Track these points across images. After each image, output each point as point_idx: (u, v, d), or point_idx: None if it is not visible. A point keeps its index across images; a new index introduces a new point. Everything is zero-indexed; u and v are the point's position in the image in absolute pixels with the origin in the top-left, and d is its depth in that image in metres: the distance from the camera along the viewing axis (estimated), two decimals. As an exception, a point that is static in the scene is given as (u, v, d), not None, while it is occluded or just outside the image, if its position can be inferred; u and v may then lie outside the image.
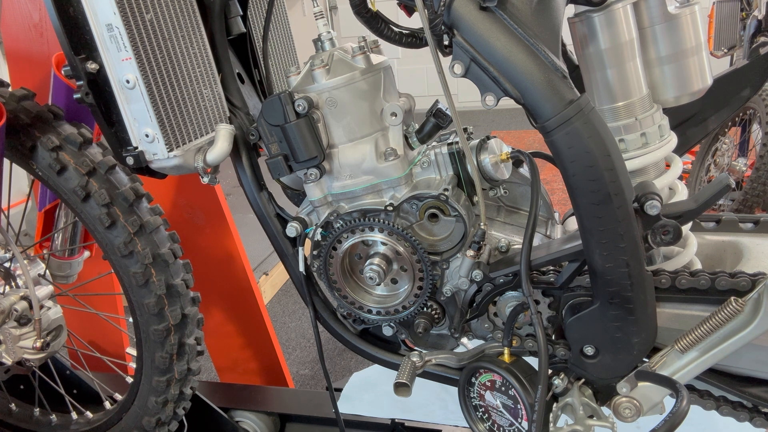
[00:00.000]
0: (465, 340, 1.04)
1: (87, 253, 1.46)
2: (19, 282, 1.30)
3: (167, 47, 0.92)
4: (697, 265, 0.97)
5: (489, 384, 0.96)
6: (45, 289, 1.30)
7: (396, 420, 1.56)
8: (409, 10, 0.97)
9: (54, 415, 1.46)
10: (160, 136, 0.91)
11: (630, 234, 0.79)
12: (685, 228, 0.95)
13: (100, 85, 0.91)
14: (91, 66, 0.89)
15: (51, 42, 1.49)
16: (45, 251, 1.39)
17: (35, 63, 1.51)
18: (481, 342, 1.01)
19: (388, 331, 1.06)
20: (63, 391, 1.44)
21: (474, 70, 0.80)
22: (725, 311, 0.80)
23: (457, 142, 0.95)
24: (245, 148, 1.02)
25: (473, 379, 0.98)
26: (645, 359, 0.89)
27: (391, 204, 0.94)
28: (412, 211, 0.96)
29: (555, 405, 0.94)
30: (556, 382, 0.92)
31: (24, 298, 1.25)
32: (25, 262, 1.27)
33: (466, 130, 0.96)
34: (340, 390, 1.83)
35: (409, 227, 0.96)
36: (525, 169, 1.01)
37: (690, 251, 0.95)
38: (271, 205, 1.05)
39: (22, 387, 1.54)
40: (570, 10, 0.91)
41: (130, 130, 0.93)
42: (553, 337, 0.95)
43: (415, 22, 0.92)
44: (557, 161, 0.79)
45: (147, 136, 0.91)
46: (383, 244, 0.96)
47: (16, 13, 1.51)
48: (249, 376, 2.03)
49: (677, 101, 0.97)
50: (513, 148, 0.96)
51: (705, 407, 0.93)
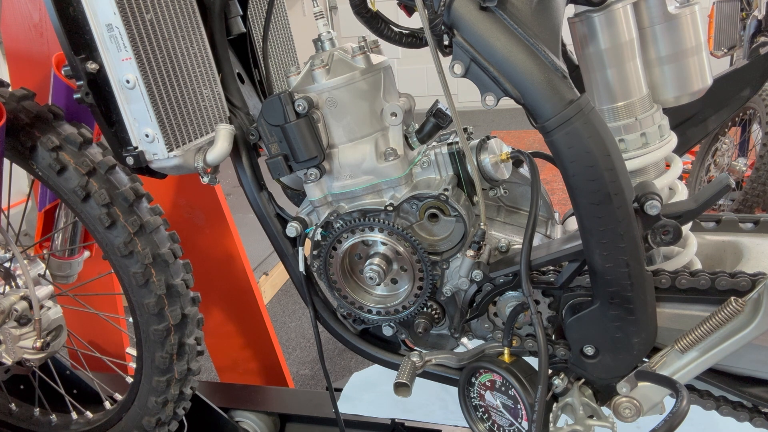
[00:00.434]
0: (465, 340, 1.04)
1: (87, 253, 1.46)
2: (19, 282, 1.30)
3: (167, 47, 0.92)
4: (697, 265, 0.97)
5: (489, 384, 0.96)
6: (45, 289, 1.30)
7: (396, 420, 1.56)
8: (409, 10, 0.97)
9: (54, 415, 1.46)
10: (160, 136, 0.91)
11: (630, 234, 0.79)
12: (685, 228, 0.95)
13: (100, 85, 0.91)
14: (91, 66, 0.89)
15: (51, 42, 1.49)
16: (45, 251, 1.39)
17: (35, 63, 1.51)
18: (481, 342, 1.01)
19: (388, 331, 1.06)
20: (63, 391, 1.44)
21: (474, 70, 0.80)
22: (725, 311, 0.80)
23: (457, 142, 0.95)
24: (245, 148, 1.02)
25: (473, 379, 0.98)
26: (645, 359, 0.89)
27: (391, 204, 0.94)
28: (412, 211, 0.96)
29: (555, 405, 0.94)
30: (556, 382, 0.92)
31: (24, 298, 1.25)
32: (25, 262, 1.27)
33: (466, 130, 0.96)
34: (340, 390, 1.83)
35: (409, 227, 0.96)
36: (525, 169, 1.01)
37: (690, 251, 0.95)
38: (271, 205, 1.05)
39: (22, 387, 1.54)
40: (570, 10, 0.91)
41: (130, 130, 0.93)
42: (553, 337, 0.95)
43: (415, 22, 0.92)
44: (557, 161, 0.79)
45: (147, 136, 0.91)
46: (383, 244, 0.96)
47: (16, 13, 1.51)
48: (249, 376, 2.03)
49: (677, 101, 0.97)
50: (513, 148, 0.96)
51: (705, 407, 0.93)
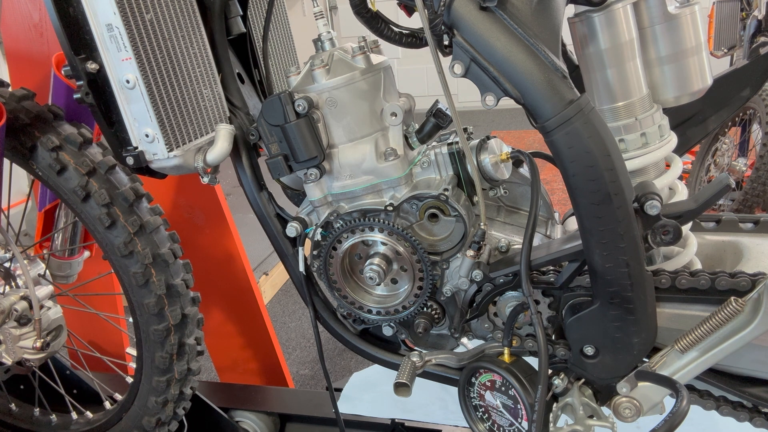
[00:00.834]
0: (465, 340, 1.04)
1: (87, 253, 1.46)
2: (19, 282, 1.30)
3: (167, 47, 0.92)
4: (697, 265, 0.97)
5: (489, 384, 0.96)
6: (45, 289, 1.30)
7: (396, 420, 1.56)
8: (409, 10, 0.97)
9: (54, 415, 1.46)
10: (160, 136, 0.91)
11: (630, 234, 0.79)
12: (685, 228, 0.95)
13: (100, 85, 0.91)
14: (91, 66, 0.89)
15: (51, 42, 1.49)
16: (45, 251, 1.39)
17: (35, 63, 1.51)
18: (481, 342, 1.01)
19: (388, 331, 1.06)
20: (63, 391, 1.44)
21: (474, 70, 0.80)
22: (725, 311, 0.80)
23: (457, 142, 0.95)
24: (245, 148, 1.02)
25: (473, 379, 0.98)
26: (645, 359, 0.89)
27: (391, 204, 0.94)
28: (412, 211, 0.96)
29: (555, 405, 0.94)
30: (556, 382, 0.92)
31: (24, 298, 1.25)
32: (25, 262, 1.27)
33: (466, 130, 0.96)
34: (340, 390, 1.83)
35: (409, 227, 0.96)
36: (525, 169, 1.01)
37: (690, 251, 0.95)
38: (271, 205, 1.05)
39: (22, 387, 1.54)
40: (570, 10, 0.91)
41: (130, 130, 0.93)
42: (553, 337, 0.95)
43: (415, 22, 0.92)
44: (557, 161, 0.79)
45: (147, 136, 0.91)
46: (383, 244, 0.96)
47: (16, 13, 1.51)
48: (249, 376, 2.03)
49: (677, 101, 0.97)
50: (513, 148, 0.96)
51: (705, 407, 0.93)
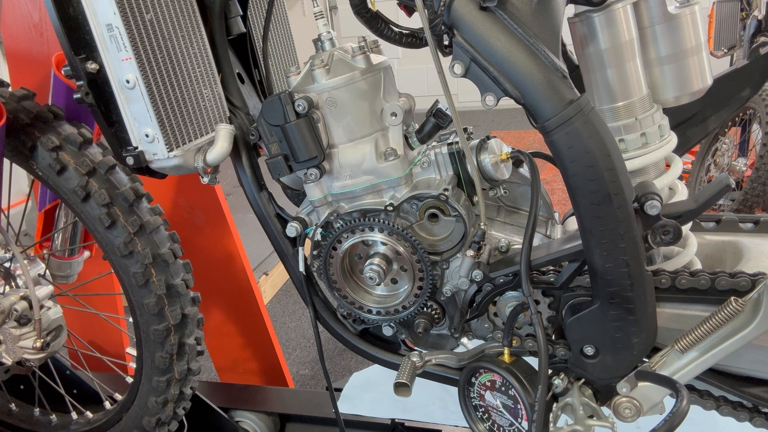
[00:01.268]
0: (465, 340, 1.04)
1: (87, 253, 1.46)
2: (19, 282, 1.30)
3: (167, 47, 0.92)
4: (697, 265, 0.97)
5: (489, 384, 0.96)
6: (45, 289, 1.30)
7: (396, 420, 1.56)
8: (409, 10, 0.97)
9: (54, 415, 1.46)
10: (160, 136, 0.91)
11: (630, 234, 0.79)
12: (685, 228, 0.95)
13: (100, 85, 0.91)
14: (91, 66, 0.89)
15: (51, 42, 1.49)
16: (45, 251, 1.39)
17: (35, 63, 1.51)
18: (481, 342, 1.01)
19: (388, 331, 1.06)
20: (63, 391, 1.44)
21: (474, 70, 0.80)
22: (725, 311, 0.80)
23: (457, 142, 0.95)
24: (245, 148, 1.02)
25: (473, 379, 0.98)
26: (645, 359, 0.89)
27: (391, 204, 0.94)
28: (412, 211, 0.96)
29: (555, 405, 0.94)
30: (556, 382, 0.92)
31: (24, 298, 1.25)
32: (25, 262, 1.27)
33: (466, 130, 0.96)
34: (340, 390, 1.83)
35: (409, 227, 0.96)
36: (525, 169, 1.01)
37: (690, 251, 0.95)
38: (271, 205, 1.05)
39: (22, 387, 1.54)
40: (570, 10, 0.91)
41: (130, 130, 0.93)
42: (553, 337, 0.95)
43: (415, 22, 0.92)
44: (557, 161, 0.79)
45: (147, 136, 0.91)
46: (383, 244, 0.96)
47: (16, 13, 1.51)
48: (249, 376, 2.03)
49: (677, 101, 0.97)
50: (513, 148, 0.96)
51: (705, 407, 0.93)
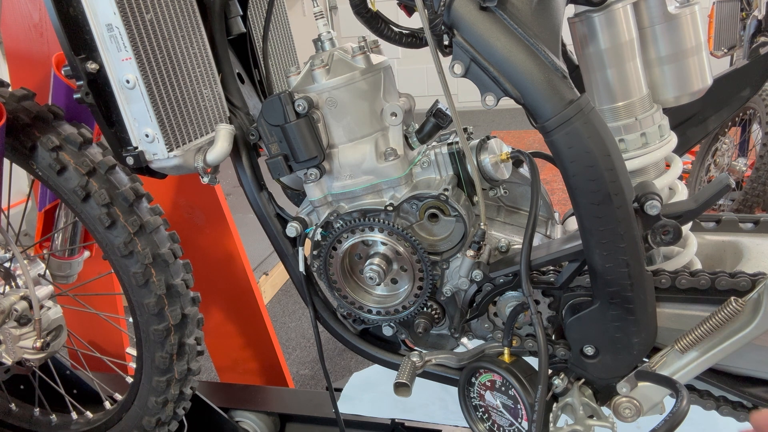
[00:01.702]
0: (465, 340, 1.04)
1: (87, 253, 1.46)
2: (19, 282, 1.30)
3: (167, 47, 0.92)
4: (697, 265, 0.97)
5: (489, 384, 0.96)
6: (45, 289, 1.30)
7: (396, 420, 1.56)
8: (409, 10, 0.97)
9: (54, 415, 1.46)
10: (160, 136, 0.91)
11: (630, 234, 0.79)
12: (685, 228, 0.95)
13: (100, 85, 0.91)
14: (91, 66, 0.89)
15: (51, 42, 1.49)
16: (45, 251, 1.39)
17: (35, 63, 1.51)
18: (481, 342, 1.01)
19: (388, 331, 1.06)
20: (63, 391, 1.44)
21: (474, 70, 0.80)
22: (725, 311, 0.80)
23: (457, 142, 0.95)
24: (245, 148, 1.02)
25: (473, 379, 0.98)
26: (645, 359, 0.89)
27: (391, 204, 0.94)
28: (412, 211, 0.96)
29: (555, 405, 0.94)
30: (556, 382, 0.92)
31: (24, 298, 1.25)
32: (25, 262, 1.27)
33: (466, 130, 0.96)
34: (340, 390, 1.83)
35: (409, 227, 0.96)
36: (525, 169, 1.01)
37: (690, 251, 0.95)
38: (271, 205, 1.05)
39: (22, 387, 1.54)
40: (570, 10, 0.91)
41: (130, 130, 0.93)
42: (553, 337, 0.95)
43: (415, 22, 0.92)
44: (557, 161, 0.79)
45: (147, 136, 0.91)
46: (383, 244, 0.96)
47: (16, 13, 1.51)
48: (249, 376, 2.03)
49: (677, 101, 0.97)
50: (513, 148, 0.96)
51: (705, 407, 0.93)
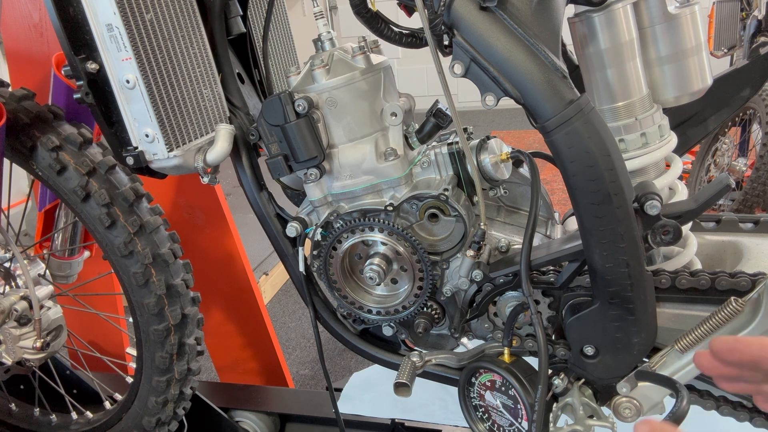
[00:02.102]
0: (465, 340, 1.04)
1: (87, 253, 1.46)
2: (19, 282, 1.30)
3: (167, 47, 0.92)
4: (697, 265, 0.97)
5: (489, 384, 0.96)
6: (45, 289, 1.30)
7: (396, 420, 1.56)
8: (409, 10, 0.97)
9: (54, 415, 1.46)
10: (160, 136, 0.91)
11: (630, 234, 0.79)
12: (685, 228, 0.95)
13: (100, 85, 0.91)
14: (91, 66, 0.89)
15: (51, 42, 1.49)
16: (45, 251, 1.39)
17: (35, 63, 1.51)
18: (481, 342, 1.01)
19: (388, 331, 1.06)
20: (63, 391, 1.44)
21: (474, 70, 0.80)
22: (725, 311, 0.79)
23: (457, 142, 0.95)
24: (245, 148, 1.02)
25: (473, 379, 0.98)
26: (645, 359, 0.89)
27: (391, 204, 0.94)
28: (412, 211, 0.96)
29: (555, 405, 0.94)
30: (556, 382, 0.92)
31: (24, 298, 1.25)
32: (25, 262, 1.27)
33: (466, 130, 0.96)
34: (340, 390, 1.83)
35: (409, 227, 0.96)
36: (525, 169, 1.01)
37: (690, 251, 0.95)
38: (271, 205, 1.05)
39: (22, 387, 1.54)
40: (570, 10, 0.91)
41: (130, 130, 0.93)
42: (553, 337, 0.95)
43: (415, 22, 0.92)
44: (557, 161, 0.79)
45: (147, 136, 0.91)
46: (383, 244, 0.96)
47: (16, 13, 1.51)
48: (249, 376, 2.03)
49: (677, 101, 0.97)
50: (513, 148, 0.96)
51: (705, 407, 0.93)
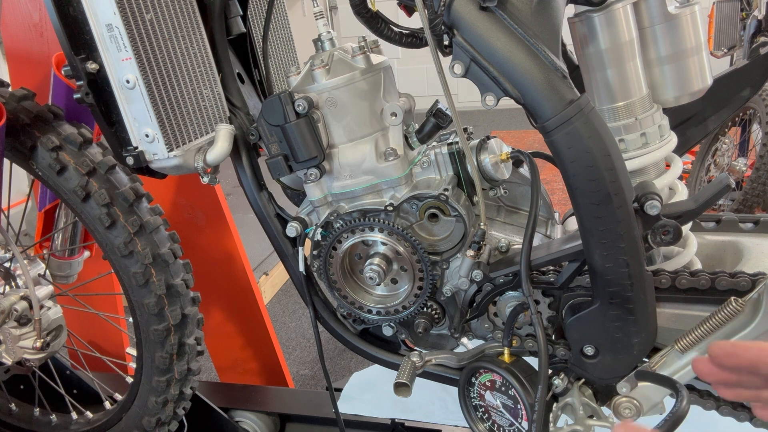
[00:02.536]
0: (465, 340, 1.04)
1: (87, 253, 1.46)
2: (19, 282, 1.30)
3: (167, 47, 0.92)
4: (697, 265, 0.97)
5: (489, 384, 0.96)
6: (45, 289, 1.30)
7: (396, 420, 1.56)
8: (409, 10, 0.97)
9: (54, 415, 1.46)
10: (160, 136, 0.91)
11: (630, 234, 0.79)
12: (685, 228, 0.95)
13: (100, 85, 0.91)
14: (91, 66, 0.89)
15: (51, 42, 1.49)
16: (45, 251, 1.39)
17: (35, 63, 1.51)
18: (481, 342, 1.01)
19: (388, 331, 1.06)
20: (63, 391, 1.44)
21: (474, 70, 0.80)
22: (725, 311, 0.80)
23: (457, 142, 0.95)
24: (245, 148, 1.02)
25: (473, 379, 0.98)
26: (645, 359, 0.89)
27: (391, 204, 0.94)
28: (412, 211, 0.96)
29: (555, 405, 0.94)
30: (556, 382, 0.92)
31: (24, 298, 1.25)
32: (25, 262, 1.27)
33: (466, 130, 0.96)
34: (340, 390, 1.83)
35: (409, 227, 0.96)
36: (525, 169, 1.01)
37: (690, 251, 0.95)
38: (271, 205, 1.05)
39: (22, 387, 1.54)
40: (570, 10, 0.91)
41: (130, 130, 0.93)
42: (553, 337, 0.95)
43: (415, 22, 0.92)
44: (557, 161, 0.79)
45: (147, 136, 0.91)
46: (383, 244, 0.96)
47: (16, 13, 1.51)
48: (249, 376, 2.03)
49: (677, 101, 0.97)
50: (513, 148, 0.96)
51: (705, 407, 0.93)
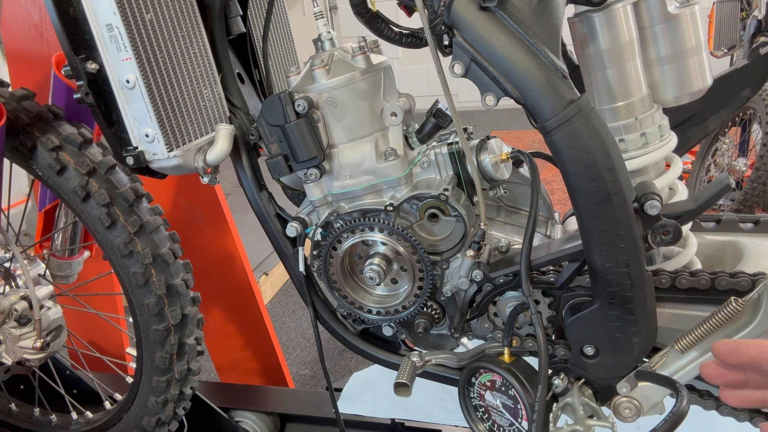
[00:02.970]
0: (465, 340, 1.04)
1: (87, 253, 1.46)
2: (19, 282, 1.30)
3: (167, 47, 0.92)
4: (697, 265, 0.97)
5: (489, 384, 0.96)
6: (45, 289, 1.30)
7: (396, 420, 1.56)
8: (409, 10, 0.97)
9: (54, 415, 1.46)
10: (160, 136, 0.91)
11: (630, 234, 0.79)
12: (685, 228, 0.95)
13: (100, 85, 0.91)
14: (91, 66, 0.89)
15: (51, 42, 1.49)
16: (45, 251, 1.39)
17: (35, 63, 1.51)
18: (481, 342, 1.01)
19: (388, 331, 1.06)
20: (63, 391, 1.44)
21: (474, 70, 0.80)
22: (725, 311, 0.79)
23: (457, 142, 0.95)
24: (245, 148, 1.02)
25: (473, 379, 0.98)
26: (645, 359, 0.89)
27: (391, 204, 0.94)
28: (412, 211, 0.96)
29: (555, 405, 0.94)
30: (556, 382, 0.92)
31: (24, 298, 1.25)
32: (25, 262, 1.27)
33: (466, 130, 0.96)
34: (340, 390, 1.83)
35: (409, 227, 0.96)
36: (525, 169, 1.01)
37: (690, 251, 0.95)
38: (271, 205, 1.05)
39: (22, 387, 1.54)
40: (570, 10, 0.91)
41: (130, 130, 0.93)
42: (553, 337, 0.95)
43: (415, 22, 0.92)
44: (557, 161, 0.79)
45: (147, 136, 0.91)
46: (383, 244, 0.96)
47: (16, 13, 1.51)
48: (249, 376, 2.03)
49: (677, 101, 0.97)
50: (513, 148, 0.96)
51: (705, 407, 0.93)
